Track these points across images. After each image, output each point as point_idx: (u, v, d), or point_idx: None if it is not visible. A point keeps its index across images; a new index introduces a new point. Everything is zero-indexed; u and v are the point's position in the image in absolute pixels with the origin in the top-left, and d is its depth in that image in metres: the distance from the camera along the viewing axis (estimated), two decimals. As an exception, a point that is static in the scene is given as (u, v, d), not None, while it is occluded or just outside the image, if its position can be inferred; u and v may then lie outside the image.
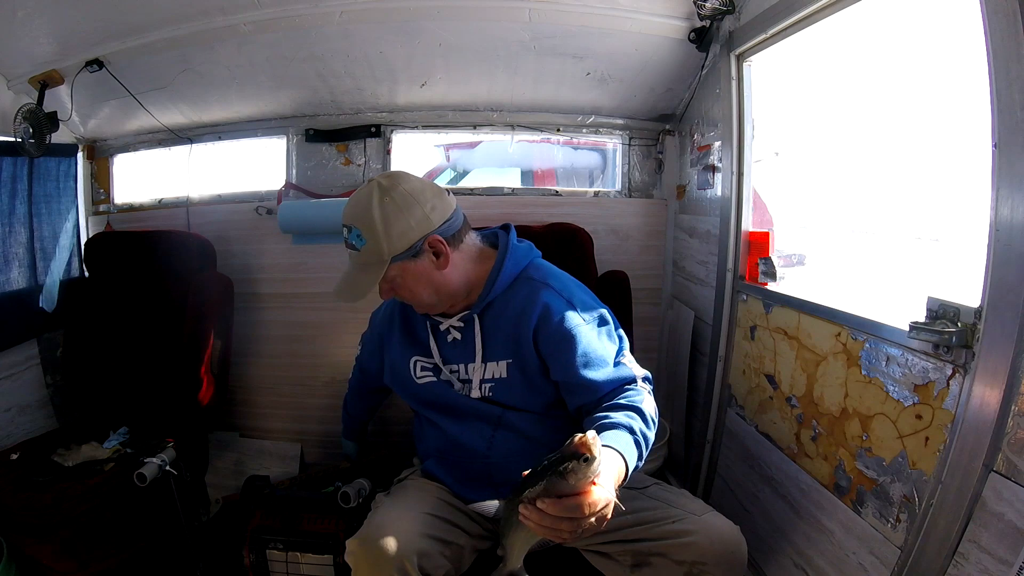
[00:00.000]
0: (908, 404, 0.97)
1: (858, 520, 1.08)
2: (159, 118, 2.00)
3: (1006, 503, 0.79)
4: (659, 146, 2.08)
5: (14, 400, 1.82)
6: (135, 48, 1.72)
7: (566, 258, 1.45)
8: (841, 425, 1.15)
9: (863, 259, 3.08)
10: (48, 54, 1.74)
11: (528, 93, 1.95)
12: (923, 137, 2.18)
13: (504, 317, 1.16)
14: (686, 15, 1.63)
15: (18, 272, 1.85)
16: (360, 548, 1.00)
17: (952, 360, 0.88)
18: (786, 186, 1.82)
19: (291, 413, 2.15)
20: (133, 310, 1.82)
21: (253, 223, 2.06)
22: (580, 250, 1.65)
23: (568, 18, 1.63)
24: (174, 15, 1.63)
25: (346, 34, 1.68)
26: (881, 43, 1.52)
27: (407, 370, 1.26)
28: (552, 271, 1.22)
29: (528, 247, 1.24)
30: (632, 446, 0.94)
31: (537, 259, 1.24)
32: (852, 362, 1.12)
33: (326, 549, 1.34)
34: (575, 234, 1.67)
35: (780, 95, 1.66)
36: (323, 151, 2.07)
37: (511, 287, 1.17)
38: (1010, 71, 0.78)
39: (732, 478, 1.61)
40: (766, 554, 1.37)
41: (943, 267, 2.33)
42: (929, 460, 0.92)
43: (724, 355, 1.65)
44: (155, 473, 1.40)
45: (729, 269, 1.60)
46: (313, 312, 2.09)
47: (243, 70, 1.83)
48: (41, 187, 1.93)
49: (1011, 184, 0.79)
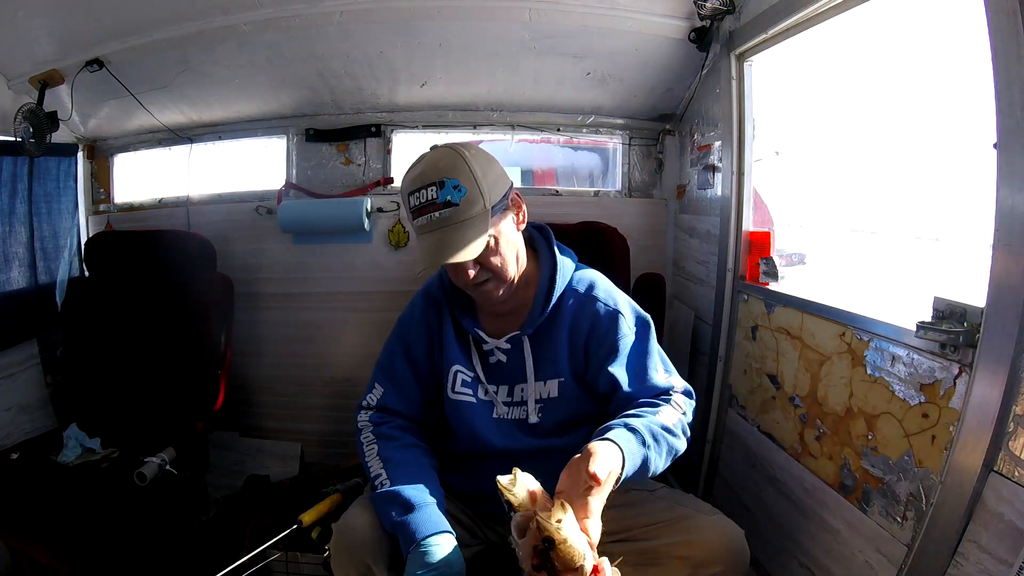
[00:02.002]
0: (914, 403, 0.97)
1: (864, 519, 1.08)
2: (159, 118, 1.99)
3: (1006, 503, 0.79)
4: (659, 146, 2.08)
5: (14, 400, 1.82)
6: (135, 48, 1.72)
7: (598, 260, 1.34)
8: (846, 424, 1.15)
9: (863, 258, 3.09)
10: (48, 54, 1.74)
11: (528, 93, 1.95)
12: (923, 137, 2.19)
13: (551, 334, 1.12)
14: (686, 15, 1.63)
15: (18, 272, 1.85)
16: (335, 535, 1.03)
17: (959, 359, 0.88)
18: (787, 186, 1.82)
19: (291, 413, 2.14)
20: (133, 310, 1.81)
21: (253, 223, 2.06)
22: (614, 252, 1.63)
23: (568, 18, 1.63)
24: (174, 15, 1.63)
25: (346, 34, 1.68)
26: (882, 43, 1.52)
27: (444, 377, 1.16)
28: (595, 281, 1.17)
29: (571, 259, 1.19)
30: (634, 443, 0.92)
31: (579, 269, 1.18)
32: (857, 362, 1.11)
33: (326, 549, 1.34)
34: (609, 235, 1.65)
35: (780, 95, 1.66)
36: (323, 151, 2.07)
37: (557, 302, 1.13)
38: (1011, 71, 0.78)
39: (734, 478, 1.61)
40: (770, 553, 1.36)
41: (943, 266, 2.34)
42: (936, 459, 0.92)
43: (724, 355, 1.65)
44: (155, 473, 1.40)
45: (729, 269, 1.60)
46: (313, 312, 2.09)
47: (243, 70, 1.83)
48: (41, 187, 1.93)
49: (1012, 184, 0.79)
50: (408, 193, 1.02)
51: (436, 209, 0.99)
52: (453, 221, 0.99)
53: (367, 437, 1.12)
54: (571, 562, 0.75)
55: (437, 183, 0.99)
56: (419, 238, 1.03)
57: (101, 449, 1.57)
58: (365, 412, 1.17)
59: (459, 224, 0.99)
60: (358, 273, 2.05)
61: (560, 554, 0.74)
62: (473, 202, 0.99)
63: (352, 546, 1.00)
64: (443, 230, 0.99)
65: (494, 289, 1.08)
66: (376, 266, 2.05)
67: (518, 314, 1.14)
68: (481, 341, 1.15)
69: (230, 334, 1.81)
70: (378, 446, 1.10)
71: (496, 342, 1.14)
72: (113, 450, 1.58)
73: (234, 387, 1.93)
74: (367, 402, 1.18)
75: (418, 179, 1.01)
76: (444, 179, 0.98)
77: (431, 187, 0.99)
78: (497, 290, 1.08)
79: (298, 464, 2.10)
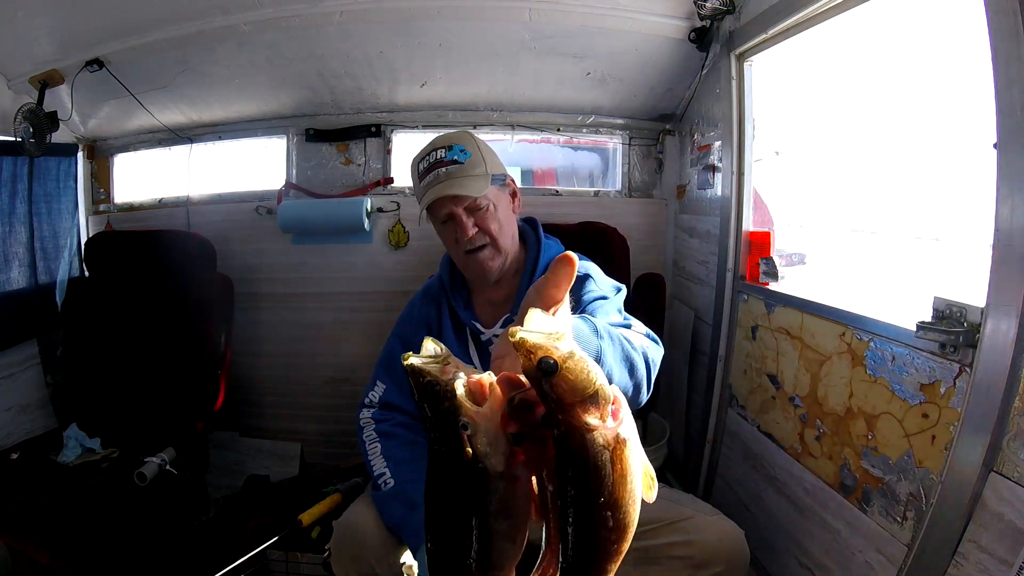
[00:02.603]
0: (914, 403, 0.97)
1: (864, 519, 1.08)
2: (159, 118, 1.99)
3: (1006, 503, 0.79)
4: (659, 146, 2.08)
5: (14, 400, 1.82)
6: (135, 48, 1.72)
7: (598, 260, 1.32)
8: (846, 424, 1.15)
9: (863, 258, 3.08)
10: (48, 54, 1.74)
11: (528, 93, 1.95)
12: (923, 137, 2.19)
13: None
14: (686, 15, 1.63)
15: (18, 271, 1.85)
16: (336, 533, 1.04)
17: (959, 359, 0.88)
18: (787, 186, 1.82)
19: (291, 413, 2.14)
20: (133, 310, 1.81)
21: (253, 223, 2.06)
22: (614, 252, 1.64)
23: (568, 18, 1.63)
24: (174, 15, 1.63)
25: (346, 34, 1.68)
26: (882, 42, 1.52)
27: None
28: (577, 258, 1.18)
29: (556, 244, 1.24)
30: (586, 330, 0.69)
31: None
32: (857, 362, 1.11)
33: (326, 549, 1.34)
34: (609, 235, 1.65)
35: (780, 95, 1.66)
36: (323, 151, 2.07)
37: None
38: (1011, 71, 0.78)
39: (733, 478, 1.61)
40: (770, 553, 1.36)
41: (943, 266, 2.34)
42: (936, 459, 0.92)
43: (724, 355, 1.65)
44: (155, 473, 1.40)
45: (729, 269, 1.60)
46: (313, 312, 2.09)
47: (243, 70, 1.83)
48: (41, 187, 1.93)
49: (1012, 184, 0.79)
50: (418, 161, 1.17)
51: (443, 166, 1.12)
52: (458, 175, 1.12)
53: (369, 435, 1.13)
54: (583, 386, 0.45)
55: (446, 147, 1.14)
56: (425, 194, 1.13)
57: (101, 449, 1.57)
58: (367, 410, 1.18)
59: (463, 177, 1.12)
60: (358, 273, 2.05)
61: (565, 379, 0.44)
62: (476, 164, 1.13)
63: (354, 544, 1.01)
64: (449, 180, 1.11)
65: (489, 258, 1.14)
66: (376, 266, 2.04)
67: (510, 300, 1.18)
68: (478, 332, 1.18)
69: (230, 334, 1.81)
70: (381, 444, 1.11)
71: (492, 331, 1.17)
72: (113, 450, 1.58)
73: (234, 387, 1.93)
74: (369, 399, 1.19)
75: (427, 147, 1.16)
76: (452, 144, 1.14)
77: (440, 149, 1.14)
78: (492, 259, 1.15)
79: (298, 464, 2.10)
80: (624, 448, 0.46)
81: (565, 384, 0.44)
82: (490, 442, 0.46)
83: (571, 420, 0.44)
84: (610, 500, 0.45)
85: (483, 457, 0.46)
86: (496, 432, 0.46)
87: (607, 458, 0.45)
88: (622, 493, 0.45)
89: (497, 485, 0.47)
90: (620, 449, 0.46)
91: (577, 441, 0.44)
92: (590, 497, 0.45)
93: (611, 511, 0.45)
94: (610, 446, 0.45)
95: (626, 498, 0.46)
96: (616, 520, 0.46)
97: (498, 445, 0.46)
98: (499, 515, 0.48)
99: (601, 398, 0.46)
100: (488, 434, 0.46)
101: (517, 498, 0.48)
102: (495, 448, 0.46)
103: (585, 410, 0.45)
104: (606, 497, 0.45)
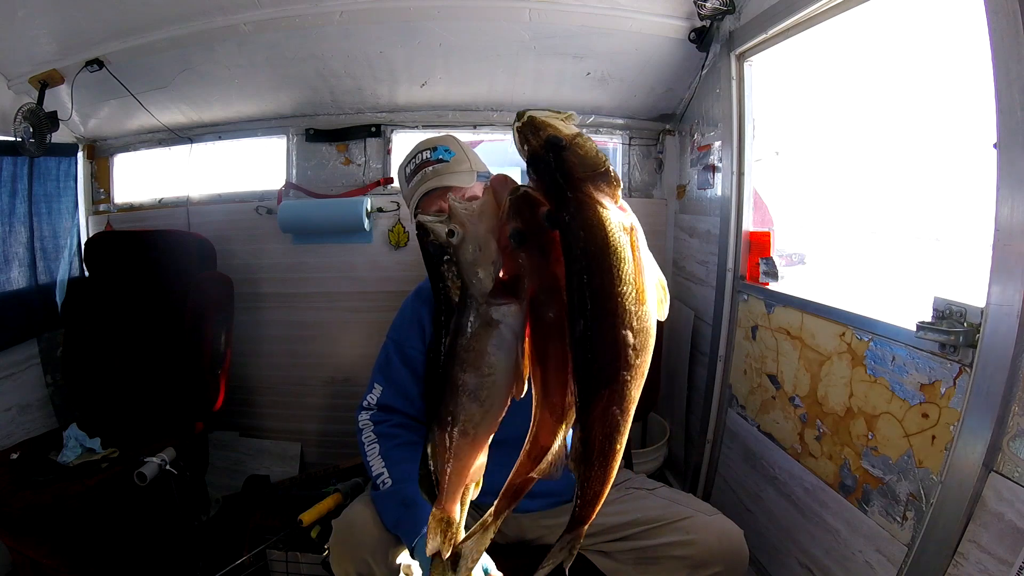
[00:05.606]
0: (914, 403, 0.97)
1: (864, 519, 1.08)
2: (159, 118, 1.99)
3: (1006, 503, 0.79)
4: (659, 146, 2.08)
5: (14, 400, 1.82)
6: (135, 48, 1.72)
7: None
8: (846, 424, 1.15)
9: (863, 258, 3.08)
10: (48, 54, 1.74)
11: (528, 93, 1.94)
12: (923, 137, 2.18)
13: None
14: (686, 15, 1.63)
15: (18, 272, 1.85)
16: (335, 532, 1.05)
17: (959, 359, 0.88)
18: (787, 186, 1.82)
19: (291, 413, 2.14)
20: (133, 310, 1.81)
21: (253, 223, 2.06)
22: None
23: (568, 18, 1.63)
24: (174, 15, 1.63)
25: (346, 34, 1.68)
26: (882, 42, 1.51)
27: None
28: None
29: None
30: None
31: None
32: (857, 362, 1.11)
33: (325, 548, 1.34)
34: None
35: (780, 95, 1.65)
36: (323, 151, 2.07)
37: None
38: (1011, 71, 0.78)
39: (733, 478, 1.61)
40: (770, 553, 1.36)
41: (943, 266, 2.34)
42: (936, 458, 0.92)
43: (724, 355, 1.65)
44: (155, 473, 1.40)
45: (729, 269, 1.60)
46: (313, 312, 2.09)
47: (243, 70, 1.83)
48: (41, 187, 1.93)
49: (1012, 184, 0.79)
50: (404, 165, 1.22)
51: (429, 165, 1.18)
52: (445, 171, 1.17)
53: (368, 437, 1.13)
54: (594, 163, 0.42)
55: (430, 148, 1.20)
56: (415, 192, 1.18)
57: (101, 449, 1.57)
58: (365, 412, 1.18)
59: (450, 173, 1.17)
60: (358, 273, 2.05)
61: (575, 153, 0.41)
62: (461, 161, 1.19)
63: (352, 543, 1.01)
64: (437, 176, 1.17)
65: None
66: (376, 266, 2.05)
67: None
68: None
69: (230, 334, 1.81)
70: (379, 445, 1.11)
71: None
72: (113, 450, 1.58)
73: (234, 387, 1.93)
74: (367, 402, 1.19)
75: (412, 152, 1.22)
76: (436, 145, 1.20)
77: (425, 151, 1.20)
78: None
79: (298, 464, 2.10)
80: (638, 240, 0.41)
81: (575, 158, 0.40)
82: (480, 246, 0.41)
83: (583, 196, 0.39)
84: (631, 292, 0.38)
85: (468, 270, 0.41)
86: (486, 236, 0.42)
87: (626, 241, 0.40)
88: (642, 285, 0.39)
89: (469, 321, 0.41)
90: (635, 238, 0.41)
91: (592, 219, 0.39)
92: (611, 286, 0.37)
93: (633, 306, 0.38)
94: (627, 231, 0.41)
95: (646, 294, 0.39)
96: (639, 318, 0.38)
97: (488, 252, 0.42)
98: (467, 365, 0.42)
99: (613, 179, 0.42)
100: (477, 239, 0.41)
101: (486, 347, 0.42)
102: (484, 256, 0.41)
103: (597, 187, 0.41)
104: (628, 286, 0.38)
